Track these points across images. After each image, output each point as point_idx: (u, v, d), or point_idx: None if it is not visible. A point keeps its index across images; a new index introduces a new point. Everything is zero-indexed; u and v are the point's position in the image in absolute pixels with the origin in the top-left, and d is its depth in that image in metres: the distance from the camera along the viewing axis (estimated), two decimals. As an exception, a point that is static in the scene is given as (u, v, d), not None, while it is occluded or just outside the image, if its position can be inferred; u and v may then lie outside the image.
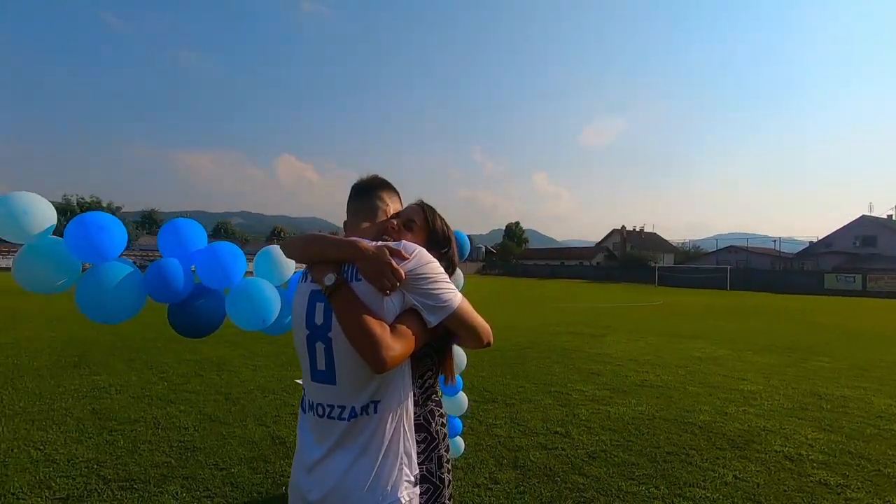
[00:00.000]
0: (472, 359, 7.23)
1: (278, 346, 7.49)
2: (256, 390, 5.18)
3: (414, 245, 1.26)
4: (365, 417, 1.19)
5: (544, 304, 18.66)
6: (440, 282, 1.23)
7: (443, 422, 1.44)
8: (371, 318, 1.14)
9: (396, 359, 1.14)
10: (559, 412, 4.69)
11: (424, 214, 1.41)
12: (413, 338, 1.19)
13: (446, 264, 1.36)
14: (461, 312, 1.25)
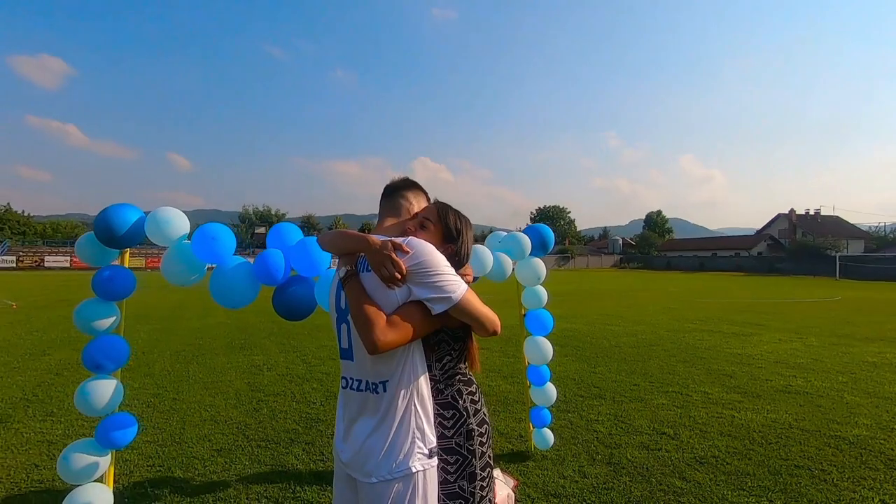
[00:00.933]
0: (585, 353, 7.04)
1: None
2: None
3: (419, 240, 1.39)
4: (378, 394, 1.35)
5: (685, 299, 17.01)
6: (443, 274, 1.34)
7: (473, 399, 1.55)
8: (370, 306, 1.31)
9: (388, 343, 1.28)
10: (671, 413, 4.36)
11: (437, 213, 1.53)
12: (411, 327, 1.32)
13: (457, 258, 1.48)
14: (464, 303, 1.35)
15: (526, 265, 3.12)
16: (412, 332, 1.31)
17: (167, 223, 2.15)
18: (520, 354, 3.46)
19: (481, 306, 1.39)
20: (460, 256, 1.49)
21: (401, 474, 1.30)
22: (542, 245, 3.10)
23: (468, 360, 1.54)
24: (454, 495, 1.50)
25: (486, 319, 1.39)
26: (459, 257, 1.49)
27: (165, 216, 2.16)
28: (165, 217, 2.15)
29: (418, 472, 1.33)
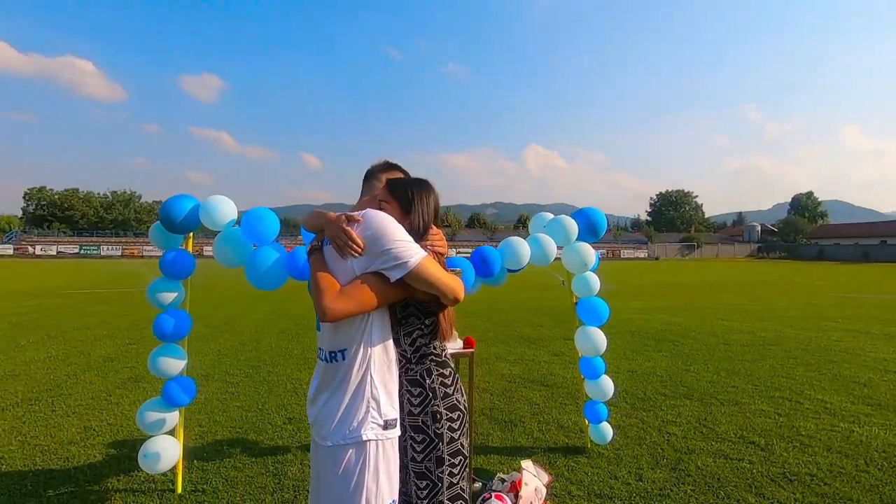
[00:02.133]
0: (683, 349, 6.41)
1: (484, 321, 8.10)
2: (451, 359, 5.84)
3: (375, 212, 1.39)
4: (336, 363, 1.39)
5: (832, 294, 14.57)
6: (398, 241, 1.33)
7: (444, 382, 1.52)
8: (324, 276, 1.34)
9: (338, 311, 1.30)
10: (769, 421, 3.79)
11: (389, 189, 1.50)
12: (365, 296, 1.32)
13: (414, 228, 1.44)
14: (420, 270, 1.33)
15: (572, 251, 2.92)
16: (366, 301, 1.32)
17: (215, 209, 2.40)
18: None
19: (440, 273, 1.37)
20: (416, 227, 1.45)
21: (353, 441, 1.33)
22: (590, 229, 2.88)
23: (439, 336, 1.51)
24: (421, 475, 1.49)
25: (445, 287, 1.37)
26: (415, 228, 1.45)
27: (213, 203, 2.41)
28: (213, 204, 2.40)
29: (370, 441, 1.34)
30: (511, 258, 2.74)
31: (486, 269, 2.68)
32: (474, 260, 2.69)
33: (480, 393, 4.56)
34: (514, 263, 2.75)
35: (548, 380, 5.02)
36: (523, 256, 2.71)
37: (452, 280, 1.40)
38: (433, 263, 1.37)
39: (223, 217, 2.43)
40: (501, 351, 6.41)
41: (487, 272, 2.69)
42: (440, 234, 1.53)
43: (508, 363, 5.74)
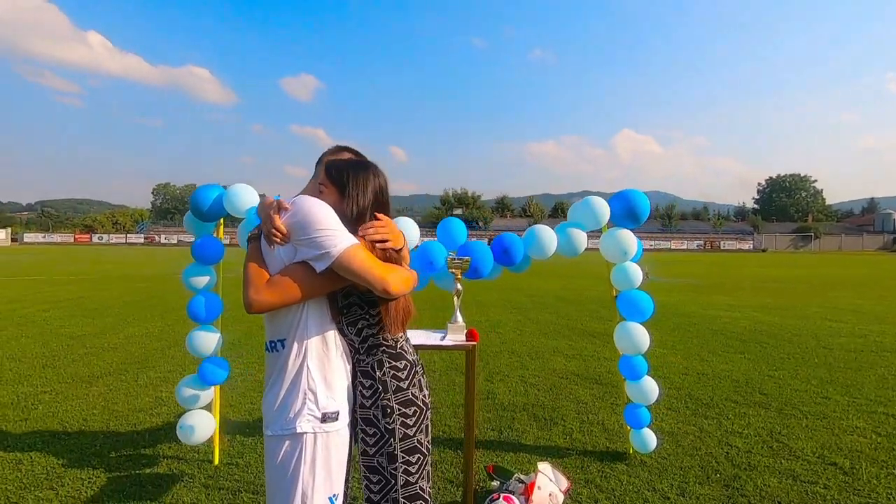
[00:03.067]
0: (770, 351, 5.72)
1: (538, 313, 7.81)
2: (503, 352, 5.68)
3: (306, 198, 1.32)
4: (276, 353, 1.35)
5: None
6: (323, 230, 1.25)
7: (397, 375, 1.43)
8: (253, 266, 1.30)
9: (262, 303, 1.26)
10: (863, 442, 3.22)
11: (325, 172, 1.41)
12: (291, 287, 1.27)
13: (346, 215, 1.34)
14: (344, 260, 1.25)
15: (609, 238, 2.66)
16: (291, 293, 1.27)
17: (236, 197, 2.49)
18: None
19: (369, 264, 1.28)
20: (348, 213, 1.35)
21: (289, 432, 1.30)
22: (629, 214, 2.60)
23: (385, 326, 1.41)
24: (373, 470, 1.42)
25: (373, 278, 1.27)
26: (347, 214, 1.35)
27: (235, 191, 2.49)
28: (235, 192, 2.49)
29: (307, 434, 1.30)
30: (535, 247, 2.56)
31: (507, 258, 2.53)
32: (494, 248, 2.55)
33: (526, 387, 4.39)
34: (540, 253, 2.57)
35: (603, 377, 4.70)
36: (548, 246, 2.52)
37: (386, 270, 1.30)
38: (362, 253, 1.28)
39: (244, 204, 2.51)
40: (560, 345, 6.13)
41: (508, 261, 2.54)
42: (385, 222, 1.43)
43: (564, 358, 5.47)
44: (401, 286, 1.33)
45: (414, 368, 1.48)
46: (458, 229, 2.65)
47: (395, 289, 1.30)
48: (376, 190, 1.41)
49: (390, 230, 1.41)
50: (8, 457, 2.89)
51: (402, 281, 1.34)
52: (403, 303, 1.44)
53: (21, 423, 3.42)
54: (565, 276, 16.26)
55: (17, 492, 2.50)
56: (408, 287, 1.39)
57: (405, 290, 1.37)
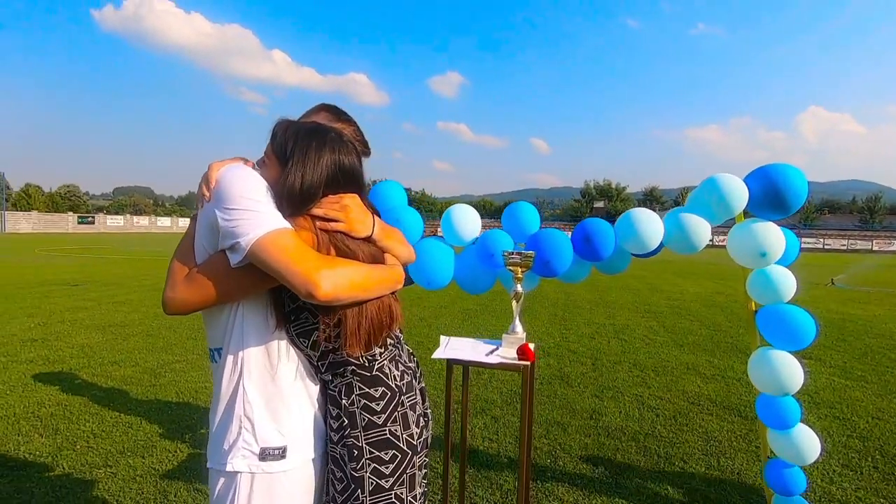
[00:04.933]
0: None
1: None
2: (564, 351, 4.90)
3: (231, 167, 1.00)
4: (215, 363, 1.07)
5: None
6: (238, 210, 0.93)
7: (370, 407, 1.05)
8: (179, 254, 1.02)
9: (178, 302, 0.97)
10: None
11: (270, 137, 1.04)
12: (206, 285, 0.96)
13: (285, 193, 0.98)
14: (258, 249, 0.91)
15: (742, 233, 1.92)
16: (209, 291, 0.97)
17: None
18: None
19: (291, 254, 0.91)
20: (287, 191, 0.99)
21: (222, 468, 1.01)
22: (772, 200, 1.83)
23: (343, 340, 1.03)
24: None
25: (292, 273, 0.90)
26: (286, 192, 0.99)
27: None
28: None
29: (241, 474, 0.99)
30: (631, 238, 1.95)
31: (591, 251, 1.98)
32: (575, 238, 2.02)
33: (643, 410, 3.65)
34: (637, 245, 1.96)
35: (749, 409, 3.71)
36: (647, 236, 1.90)
37: (318, 265, 0.93)
38: (285, 240, 0.92)
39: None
40: (698, 361, 5.10)
41: (592, 254, 1.98)
42: (337, 198, 1.05)
43: (701, 378, 4.50)
44: (345, 288, 0.95)
45: (398, 397, 1.09)
46: (528, 216, 2.15)
47: (328, 291, 0.92)
48: (334, 165, 1.03)
49: (347, 210, 1.04)
50: (124, 419, 3.22)
51: (347, 281, 0.96)
52: (373, 309, 1.06)
53: (149, 388, 3.85)
54: (720, 277, 14.02)
55: (115, 455, 2.73)
56: (364, 290, 1.01)
57: (355, 294, 0.99)
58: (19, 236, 36.01)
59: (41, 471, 2.55)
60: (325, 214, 1.02)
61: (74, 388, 3.80)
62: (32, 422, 3.14)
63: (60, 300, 7.68)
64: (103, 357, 4.64)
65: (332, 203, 1.03)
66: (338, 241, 1.03)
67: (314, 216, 1.02)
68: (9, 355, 4.62)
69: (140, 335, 5.54)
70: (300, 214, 1.00)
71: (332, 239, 1.02)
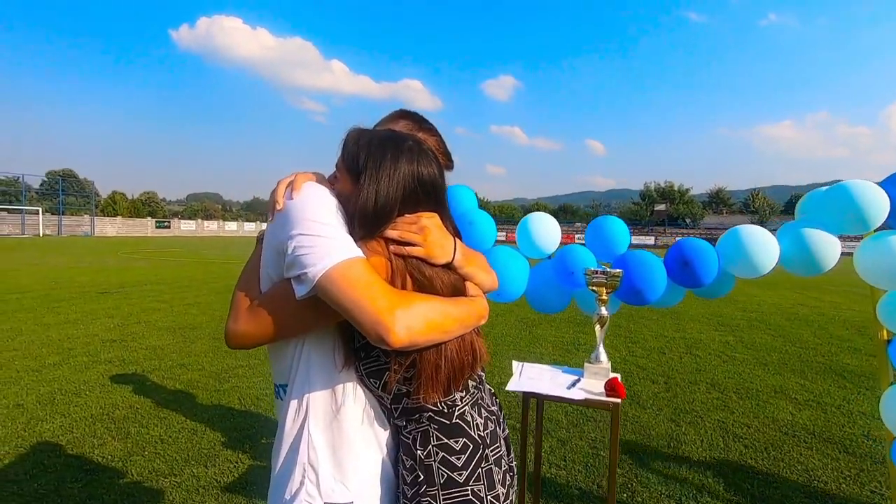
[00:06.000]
0: None
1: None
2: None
3: (308, 185, 0.88)
4: (280, 400, 0.95)
5: None
6: (308, 236, 0.80)
7: (447, 458, 0.90)
8: (242, 282, 0.91)
9: (240, 336, 0.86)
10: None
11: (343, 147, 0.90)
12: (267, 318, 0.85)
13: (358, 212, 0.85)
14: (328, 283, 0.77)
15: (878, 247, 1.61)
16: (270, 324, 0.85)
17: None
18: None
19: (362, 291, 0.77)
20: (361, 210, 0.84)
21: None
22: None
23: (420, 386, 0.88)
24: None
25: (362, 313, 0.76)
26: (359, 211, 0.84)
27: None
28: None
29: None
30: (738, 260, 1.69)
31: (689, 277, 1.73)
32: (669, 261, 1.78)
33: (728, 440, 3.29)
34: (747, 269, 1.70)
35: (856, 445, 3.25)
36: (760, 258, 1.64)
37: (392, 303, 0.78)
38: (356, 272, 0.79)
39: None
40: (787, 384, 4.59)
41: (691, 280, 1.74)
42: (414, 219, 0.89)
43: (793, 404, 4.03)
44: (422, 331, 0.80)
45: (481, 451, 0.93)
46: (616, 232, 1.93)
47: (401, 336, 0.77)
48: (412, 178, 0.88)
49: (425, 232, 0.89)
50: (189, 425, 3.28)
51: (424, 323, 0.81)
52: (454, 349, 0.90)
53: (214, 393, 3.92)
54: (801, 286, 12.84)
55: (180, 464, 2.75)
56: (443, 332, 0.85)
57: (433, 337, 0.83)
58: (107, 240, 39.32)
59: (112, 476, 2.61)
60: (400, 237, 0.88)
61: (145, 390, 3.94)
62: (107, 424, 3.26)
63: (138, 301, 8.17)
64: (172, 359, 4.82)
65: (409, 224, 0.89)
66: (414, 269, 0.88)
67: (388, 239, 0.88)
68: (91, 355, 4.90)
69: (206, 338, 5.74)
70: (373, 237, 0.87)
71: (407, 266, 0.88)
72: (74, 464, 2.72)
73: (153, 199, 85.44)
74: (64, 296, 8.57)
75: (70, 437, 3.05)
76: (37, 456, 2.79)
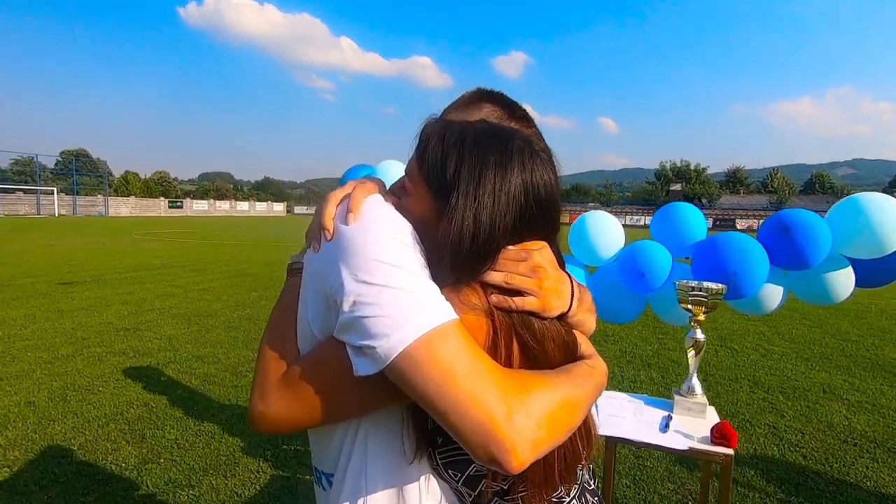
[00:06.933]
0: None
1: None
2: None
3: (375, 201, 0.61)
4: (323, 490, 0.70)
5: None
6: (375, 287, 0.54)
7: None
8: (271, 335, 0.65)
9: (273, 420, 0.61)
10: None
11: (417, 154, 0.63)
12: (313, 392, 0.59)
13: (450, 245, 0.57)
14: (408, 367, 0.52)
15: None
16: (320, 404, 0.60)
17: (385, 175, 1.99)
18: None
19: (467, 381, 0.51)
20: (450, 238, 0.58)
21: None
22: None
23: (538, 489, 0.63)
24: None
25: (465, 420, 0.50)
26: (451, 245, 0.58)
27: (384, 169, 2.00)
28: (384, 170, 2.00)
29: None
30: (856, 233, 1.41)
31: (794, 256, 1.45)
32: (766, 236, 1.49)
33: (784, 447, 3.03)
34: (866, 246, 1.41)
35: (927, 456, 2.98)
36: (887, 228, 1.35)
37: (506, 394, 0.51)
38: (454, 351, 0.52)
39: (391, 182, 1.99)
40: (834, 381, 4.31)
41: (796, 260, 1.46)
42: (526, 253, 0.63)
43: (846, 406, 3.75)
44: (549, 440, 0.54)
45: None
46: (691, 219, 1.64)
47: (525, 456, 0.50)
48: (526, 193, 0.60)
49: (540, 275, 0.63)
50: (206, 428, 3.10)
51: (550, 426, 0.54)
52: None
53: (231, 389, 3.75)
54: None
55: (198, 473, 2.57)
56: (570, 429, 0.58)
57: (560, 439, 0.56)
58: (120, 220, 39.56)
59: (126, 487, 2.44)
60: (508, 283, 0.61)
61: (160, 385, 3.78)
62: (120, 425, 3.09)
63: (152, 286, 8.05)
64: (188, 351, 4.66)
65: (517, 262, 0.62)
66: (522, 328, 0.62)
67: (490, 284, 0.62)
68: (104, 345, 4.76)
69: (222, 327, 5.57)
70: (469, 281, 0.61)
71: (515, 323, 0.62)
72: (86, 472, 2.55)
73: (165, 179, 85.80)
74: (79, 279, 8.48)
75: (82, 439, 2.89)
76: (47, 462, 2.63)
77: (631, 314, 1.68)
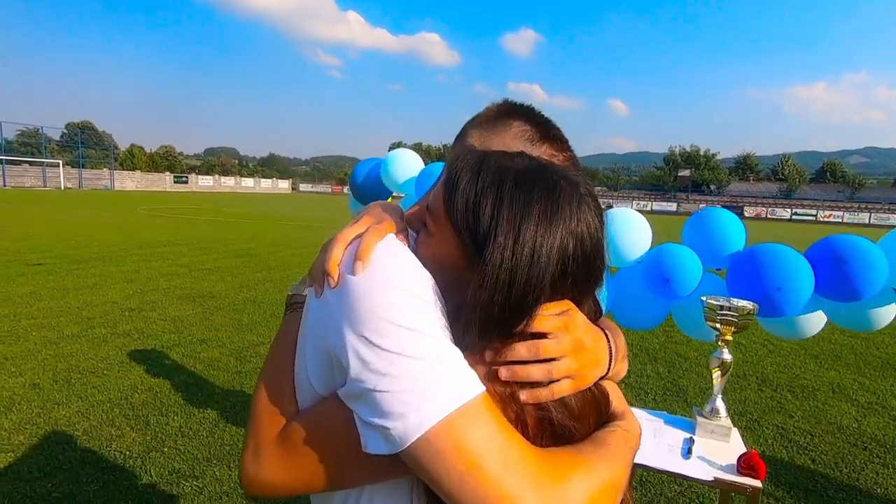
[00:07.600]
0: None
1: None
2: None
3: (390, 246, 0.54)
4: None
5: None
6: (389, 355, 0.47)
7: None
8: (269, 384, 0.59)
9: (266, 486, 0.55)
10: None
11: (444, 188, 0.55)
12: (313, 457, 0.53)
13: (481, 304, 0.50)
14: (427, 454, 0.45)
15: None
16: (321, 470, 0.53)
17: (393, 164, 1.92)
18: None
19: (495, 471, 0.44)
20: (481, 294, 0.50)
21: None
22: None
23: None
24: None
25: None
26: (478, 297, 0.50)
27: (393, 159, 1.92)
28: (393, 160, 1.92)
29: None
30: None
31: (844, 282, 1.38)
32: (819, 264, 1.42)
33: (793, 450, 3.00)
34: None
35: (938, 463, 2.94)
36: None
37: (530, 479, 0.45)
38: (481, 436, 0.45)
39: (401, 176, 1.92)
40: (844, 380, 4.26)
41: (848, 294, 1.39)
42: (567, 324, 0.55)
43: (855, 407, 3.70)
44: None
45: None
46: (729, 228, 1.56)
47: None
48: (570, 247, 0.52)
49: (578, 346, 0.55)
50: (210, 415, 3.09)
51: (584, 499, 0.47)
52: None
53: (235, 375, 3.74)
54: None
55: (202, 464, 2.57)
56: None
57: None
58: (126, 194, 39.59)
59: (129, 477, 2.43)
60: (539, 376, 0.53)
61: (165, 370, 3.77)
62: (125, 410, 3.09)
63: (157, 264, 8.04)
64: (192, 333, 4.65)
65: (551, 324, 0.54)
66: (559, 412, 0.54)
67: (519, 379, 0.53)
68: (108, 326, 4.75)
69: (227, 309, 5.56)
70: (497, 343, 0.53)
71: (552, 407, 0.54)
72: (90, 460, 2.55)
73: (171, 153, 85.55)
74: (84, 256, 8.48)
75: (87, 424, 2.89)
76: (52, 448, 2.63)
77: (651, 322, 1.62)
